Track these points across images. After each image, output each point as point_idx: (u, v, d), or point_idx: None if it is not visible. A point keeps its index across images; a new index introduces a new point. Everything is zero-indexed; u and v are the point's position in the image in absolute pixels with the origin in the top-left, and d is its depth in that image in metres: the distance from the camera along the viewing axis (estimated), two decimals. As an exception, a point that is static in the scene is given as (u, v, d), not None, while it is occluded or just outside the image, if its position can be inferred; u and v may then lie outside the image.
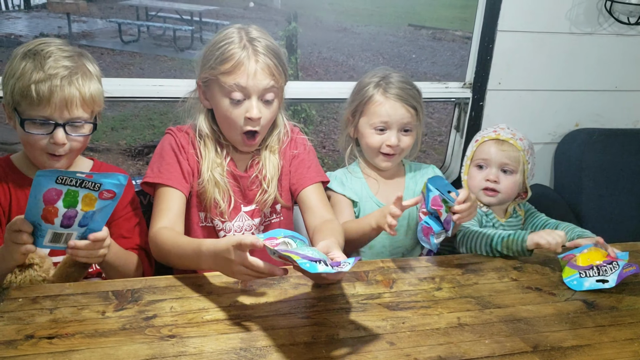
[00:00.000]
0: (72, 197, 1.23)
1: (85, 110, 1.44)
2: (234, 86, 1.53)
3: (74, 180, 1.21)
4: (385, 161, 1.83)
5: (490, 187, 1.84)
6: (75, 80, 1.41)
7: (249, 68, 1.52)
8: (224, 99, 1.56)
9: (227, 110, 1.56)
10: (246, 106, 1.55)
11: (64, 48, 1.46)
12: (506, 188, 1.84)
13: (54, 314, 1.20)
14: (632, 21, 2.38)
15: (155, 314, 1.22)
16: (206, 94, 1.62)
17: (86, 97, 1.43)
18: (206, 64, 1.57)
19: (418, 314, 1.30)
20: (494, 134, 1.87)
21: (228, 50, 1.53)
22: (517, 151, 1.83)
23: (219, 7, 11.31)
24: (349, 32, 11.41)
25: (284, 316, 1.25)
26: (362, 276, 1.45)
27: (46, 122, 1.41)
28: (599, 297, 1.42)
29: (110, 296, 1.28)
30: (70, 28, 9.74)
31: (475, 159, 1.88)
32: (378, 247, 1.83)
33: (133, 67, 8.11)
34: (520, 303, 1.38)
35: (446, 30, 12.11)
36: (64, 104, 1.40)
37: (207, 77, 1.58)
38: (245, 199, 1.70)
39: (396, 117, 1.78)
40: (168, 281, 1.36)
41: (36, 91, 1.37)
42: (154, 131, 6.09)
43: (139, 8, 10.79)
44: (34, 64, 1.39)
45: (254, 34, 1.57)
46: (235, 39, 1.55)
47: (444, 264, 1.55)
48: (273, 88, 1.57)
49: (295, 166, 1.74)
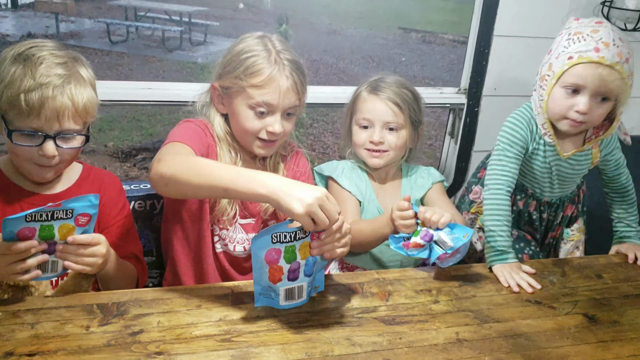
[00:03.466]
0: (48, 232, 1.20)
1: (77, 121, 1.34)
2: (261, 102, 1.50)
3: (44, 214, 1.18)
4: (371, 157, 1.78)
5: (576, 120, 1.61)
6: (68, 89, 1.31)
7: (281, 85, 1.50)
8: (247, 110, 1.53)
9: (249, 121, 1.53)
10: (269, 120, 1.53)
11: (57, 53, 1.35)
12: (596, 119, 1.62)
13: (36, 329, 1.15)
14: (629, 27, 2.36)
15: (141, 329, 1.17)
16: (223, 99, 1.58)
17: (79, 107, 1.33)
18: (230, 72, 1.53)
19: (415, 328, 1.26)
20: (595, 54, 1.55)
21: (258, 64, 1.50)
22: (621, 78, 1.56)
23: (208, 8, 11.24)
24: (339, 35, 11.38)
25: (276, 332, 1.20)
26: (357, 288, 1.40)
27: (35, 133, 1.31)
28: (600, 311, 1.39)
29: (95, 310, 1.23)
30: (58, 28, 9.62)
31: (567, 81, 1.59)
32: (374, 253, 1.79)
33: (122, 67, 8.02)
34: (520, 317, 1.34)
35: (436, 34, 12.10)
36: (55, 115, 1.29)
37: (230, 86, 1.54)
38: (245, 210, 1.64)
39: (378, 114, 1.75)
40: (155, 294, 1.30)
41: (25, 101, 1.26)
42: (142, 133, 6.02)
43: (127, 8, 10.70)
44: (24, 70, 1.28)
45: (279, 46, 1.54)
46: (262, 52, 1.52)
47: (440, 275, 1.51)
48: (297, 105, 1.57)
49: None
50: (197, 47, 9.45)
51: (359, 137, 1.79)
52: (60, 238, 1.22)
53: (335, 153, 6.04)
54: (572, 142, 1.72)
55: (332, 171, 1.81)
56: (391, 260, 1.81)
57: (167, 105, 2.10)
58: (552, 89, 1.61)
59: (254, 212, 1.65)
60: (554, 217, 1.87)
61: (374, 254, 1.80)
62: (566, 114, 1.61)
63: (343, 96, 1.95)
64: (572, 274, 1.57)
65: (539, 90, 1.67)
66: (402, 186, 1.87)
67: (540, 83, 1.67)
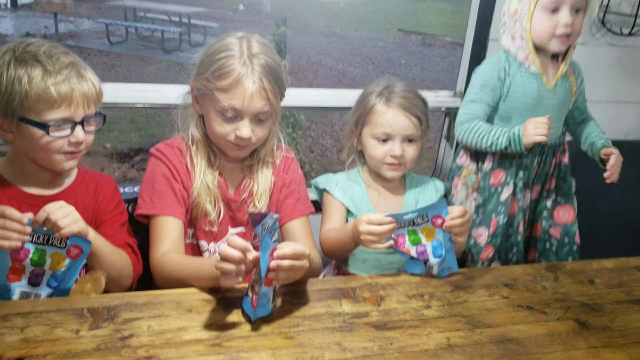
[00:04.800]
0: (40, 257, 1.24)
1: (96, 104, 1.42)
2: (226, 107, 1.47)
3: (41, 236, 1.23)
4: (391, 170, 1.75)
5: (565, 34, 1.77)
6: (86, 75, 1.39)
7: (246, 89, 1.46)
8: (216, 113, 1.50)
9: (218, 124, 1.51)
10: (238, 124, 1.50)
11: (54, 44, 1.41)
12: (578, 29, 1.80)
13: (25, 333, 1.14)
14: (625, 32, 2.36)
15: (131, 333, 1.17)
16: (199, 100, 1.57)
17: (98, 90, 1.42)
18: (203, 73, 1.50)
19: (406, 334, 1.25)
20: None
21: (227, 65, 1.46)
22: None
23: (208, 9, 11.26)
24: (338, 37, 11.39)
25: (267, 336, 1.20)
26: (350, 293, 1.40)
27: (65, 122, 1.36)
28: (591, 317, 1.38)
29: (85, 313, 1.22)
30: (57, 28, 9.64)
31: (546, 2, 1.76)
32: (372, 261, 1.77)
33: (120, 68, 8.03)
34: (511, 322, 1.34)
35: (436, 36, 12.12)
36: (85, 100, 1.37)
37: (201, 88, 1.52)
38: (234, 220, 1.65)
39: (399, 127, 1.71)
40: (146, 297, 1.30)
41: (57, 92, 1.32)
42: (140, 134, 6.03)
43: (126, 9, 10.71)
44: (43, 66, 1.32)
45: (255, 49, 1.49)
46: (236, 53, 1.48)
47: (433, 281, 1.50)
48: (267, 111, 1.52)
49: (285, 195, 1.68)
50: (196, 48, 9.45)
51: (378, 152, 1.73)
52: (49, 268, 1.26)
53: (333, 155, 6.04)
54: (551, 69, 1.86)
55: (327, 183, 1.80)
56: (388, 268, 1.80)
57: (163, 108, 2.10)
58: (531, 17, 1.76)
59: (243, 221, 1.65)
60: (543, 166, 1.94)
61: (373, 262, 1.78)
62: (554, 32, 1.75)
63: (342, 99, 1.94)
64: (564, 279, 1.56)
65: (515, 25, 1.81)
66: (405, 197, 1.84)
67: (513, 18, 1.81)
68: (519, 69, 1.82)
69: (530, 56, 1.79)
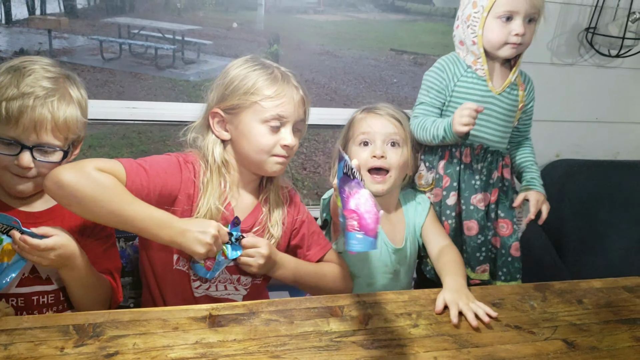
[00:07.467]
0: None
1: (56, 136, 1.35)
2: (276, 115, 1.46)
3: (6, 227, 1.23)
4: (374, 182, 1.70)
5: (517, 43, 1.77)
6: (49, 102, 1.32)
7: (293, 95, 1.50)
8: (260, 126, 1.47)
9: (263, 137, 1.47)
10: (282, 134, 1.49)
11: (50, 69, 1.37)
12: (528, 39, 1.79)
13: (9, 350, 1.13)
14: (612, 53, 2.39)
15: (117, 351, 1.16)
16: (226, 124, 1.52)
17: (59, 122, 1.34)
18: (236, 91, 1.48)
19: (393, 353, 1.25)
20: None
21: (268, 74, 1.49)
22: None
23: (202, 27, 11.29)
24: (331, 55, 11.43)
25: (253, 355, 1.19)
26: (337, 311, 1.40)
27: (13, 142, 1.32)
28: (579, 337, 1.39)
29: (70, 331, 1.21)
30: (51, 44, 9.62)
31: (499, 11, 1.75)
32: (377, 287, 1.76)
33: (113, 85, 8.03)
34: (499, 342, 1.34)
35: (427, 56, 12.15)
36: (33, 125, 1.31)
37: (238, 104, 1.48)
38: None
39: (378, 128, 1.73)
40: (132, 315, 1.29)
41: (6, 109, 1.29)
42: (132, 149, 6.00)
43: (121, 26, 10.72)
44: (11, 80, 1.31)
45: (273, 64, 1.54)
46: (268, 67, 1.51)
47: (421, 299, 1.50)
48: (304, 119, 1.55)
49: (304, 234, 1.66)
50: (190, 65, 9.46)
51: (360, 156, 1.71)
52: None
53: (326, 172, 6.04)
54: (500, 77, 1.86)
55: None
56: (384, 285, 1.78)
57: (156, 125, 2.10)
58: (484, 23, 1.76)
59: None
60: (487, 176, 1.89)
61: (365, 278, 1.77)
62: (506, 40, 1.76)
63: (334, 117, 1.94)
64: (552, 298, 1.57)
65: (467, 30, 1.81)
66: (404, 215, 1.84)
67: (466, 23, 1.80)
68: (465, 72, 1.83)
69: (479, 60, 1.81)
